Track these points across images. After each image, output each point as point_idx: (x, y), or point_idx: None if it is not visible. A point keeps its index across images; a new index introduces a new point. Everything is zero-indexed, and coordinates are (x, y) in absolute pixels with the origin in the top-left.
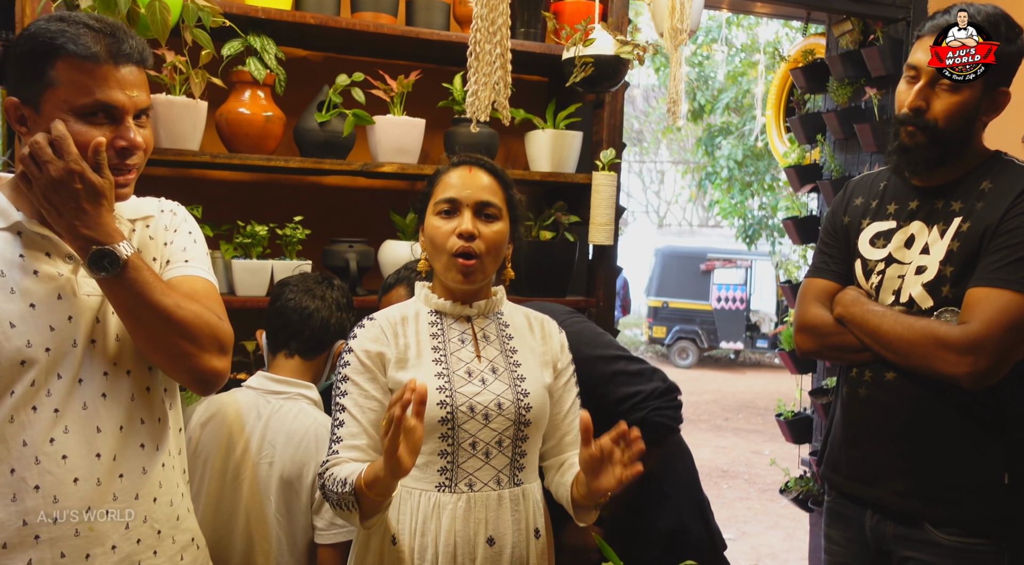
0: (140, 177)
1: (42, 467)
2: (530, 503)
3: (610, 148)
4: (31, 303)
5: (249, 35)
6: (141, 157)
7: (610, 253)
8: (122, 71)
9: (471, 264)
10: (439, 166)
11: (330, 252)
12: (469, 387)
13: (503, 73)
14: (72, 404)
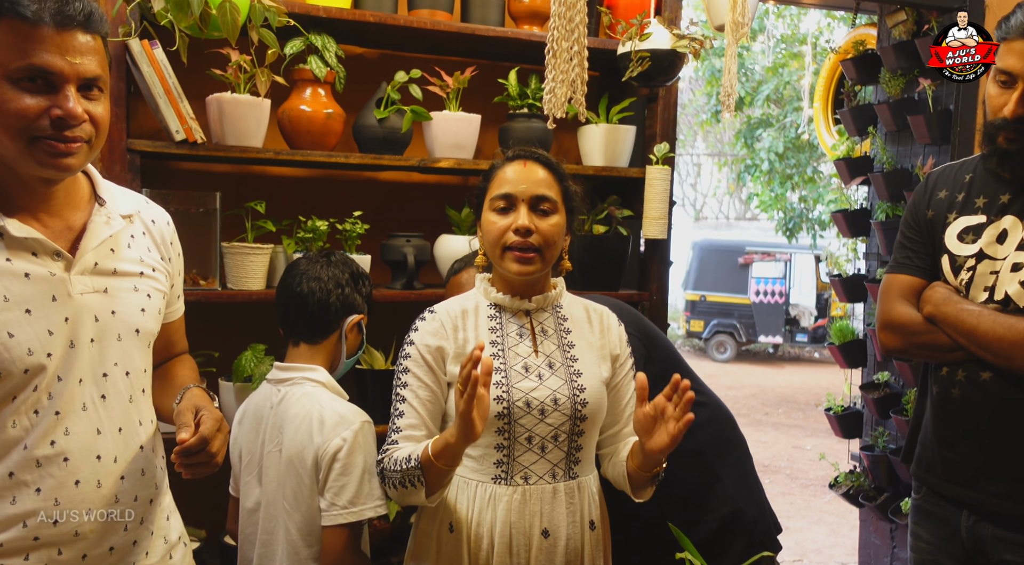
0: (206, 173)
1: (43, 470)
2: (585, 495)
3: (664, 142)
4: (26, 309)
5: (311, 34)
6: (88, 130)
7: (663, 247)
8: (64, 35)
9: (529, 256)
10: (494, 161)
11: (388, 246)
12: (526, 382)
13: (580, 70)
14: (73, 406)
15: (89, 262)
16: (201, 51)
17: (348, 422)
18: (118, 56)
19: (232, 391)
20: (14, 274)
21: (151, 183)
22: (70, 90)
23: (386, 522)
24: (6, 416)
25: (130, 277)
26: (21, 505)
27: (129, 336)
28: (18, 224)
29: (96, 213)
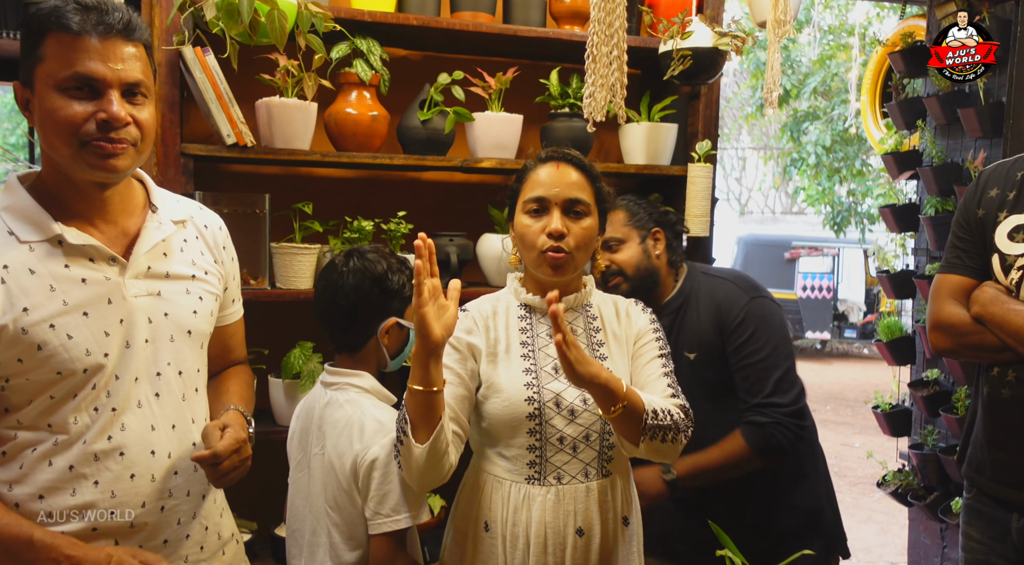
0: (255, 175)
1: (100, 464)
2: (618, 492)
3: (706, 140)
4: (84, 312)
5: (356, 38)
6: (134, 133)
7: (706, 244)
8: (105, 43)
9: (561, 257)
10: (526, 161)
11: None
12: (556, 383)
13: (620, 74)
14: (129, 403)
15: (142, 266)
16: (251, 57)
17: (387, 430)
18: (172, 63)
19: (281, 388)
20: (72, 279)
21: (203, 186)
22: (113, 95)
23: (431, 516)
24: (67, 412)
25: (182, 280)
26: (80, 497)
27: (181, 337)
28: (75, 232)
29: (149, 219)
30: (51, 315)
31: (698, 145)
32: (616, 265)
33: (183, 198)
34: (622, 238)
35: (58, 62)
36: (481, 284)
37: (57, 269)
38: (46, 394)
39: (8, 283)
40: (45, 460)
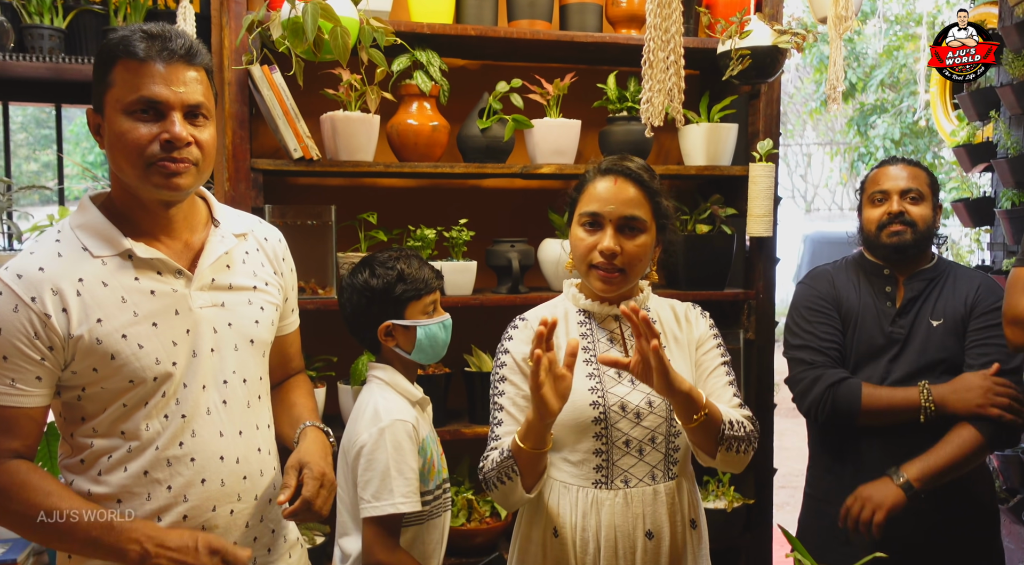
0: (320, 188)
1: (173, 469)
2: (685, 495)
3: (767, 139)
4: (153, 322)
5: (415, 50)
6: (195, 153)
7: (769, 244)
8: (168, 68)
9: (613, 276)
10: (587, 168)
11: (493, 252)
12: (619, 387)
13: (677, 79)
14: (198, 410)
15: (207, 278)
16: (315, 73)
17: (379, 419)
18: (241, 82)
19: (350, 393)
20: (142, 291)
21: (271, 199)
22: (176, 116)
23: (499, 520)
24: (139, 420)
25: (244, 291)
26: (155, 502)
27: (245, 346)
28: (144, 246)
29: (212, 233)
30: (123, 326)
31: (759, 144)
32: (910, 216)
33: (243, 212)
34: (923, 194)
35: (126, 87)
36: (543, 289)
37: (128, 282)
38: (119, 402)
39: (83, 296)
40: (121, 466)
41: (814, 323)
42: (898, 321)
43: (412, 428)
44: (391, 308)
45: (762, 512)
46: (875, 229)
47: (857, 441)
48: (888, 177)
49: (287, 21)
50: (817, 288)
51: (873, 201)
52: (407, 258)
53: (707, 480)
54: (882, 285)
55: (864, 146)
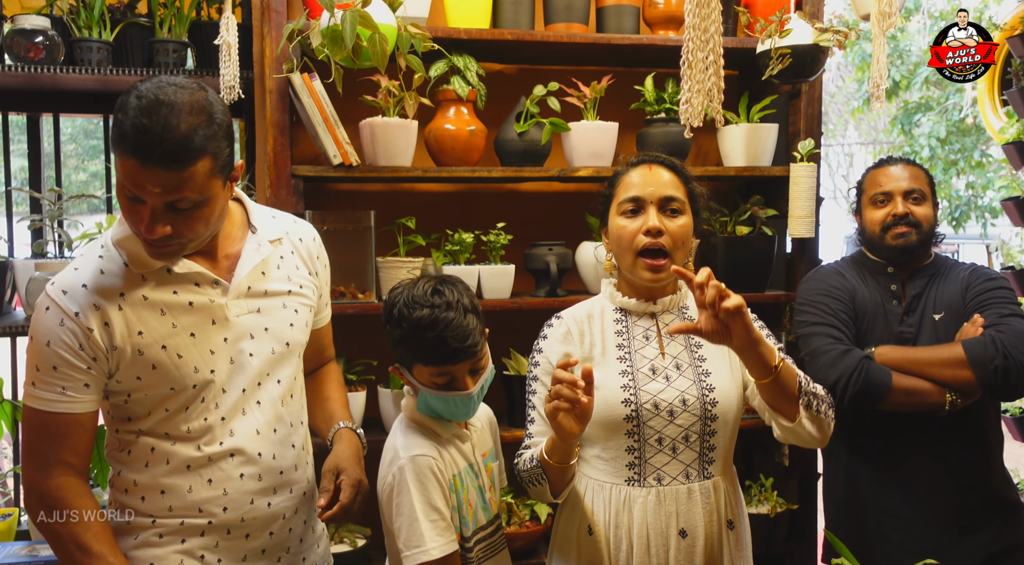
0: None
1: (214, 465)
2: (722, 495)
3: (808, 138)
4: (191, 333)
5: (452, 55)
6: (176, 242)
7: (811, 246)
8: (145, 172)
9: (660, 263)
10: (617, 168)
11: (531, 255)
12: (653, 384)
13: (716, 79)
14: (236, 411)
15: (243, 287)
16: (353, 80)
17: (396, 459)
18: (281, 90)
19: (390, 397)
20: (180, 304)
21: (311, 205)
22: (145, 213)
23: (538, 524)
24: (181, 423)
25: (280, 296)
26: (197, 494)
27: (281, 348)
28: (183, 261)
29: (248, 241)
30: (162, 337)
31: (800, 144)
32: (915, 216)
33: (278, 213)
34: (925, 194)
35: (118, 167)
36: (580, 292)
37: (166, 295)
38: (162, 407)
39: (124, 310)
40: (164, 459)
41: (833, 306)
42: (906, 320)
43: (433, 463)
44: (399, 351)
45: (806, 518)
46: (879, 231)
47: (882, 440)
48: (890, 178)
49: (326, 29)
50: (830, 280)
51: (875, 202)
52: (446, 315)
53: (749, 484)
54: (887, 283)
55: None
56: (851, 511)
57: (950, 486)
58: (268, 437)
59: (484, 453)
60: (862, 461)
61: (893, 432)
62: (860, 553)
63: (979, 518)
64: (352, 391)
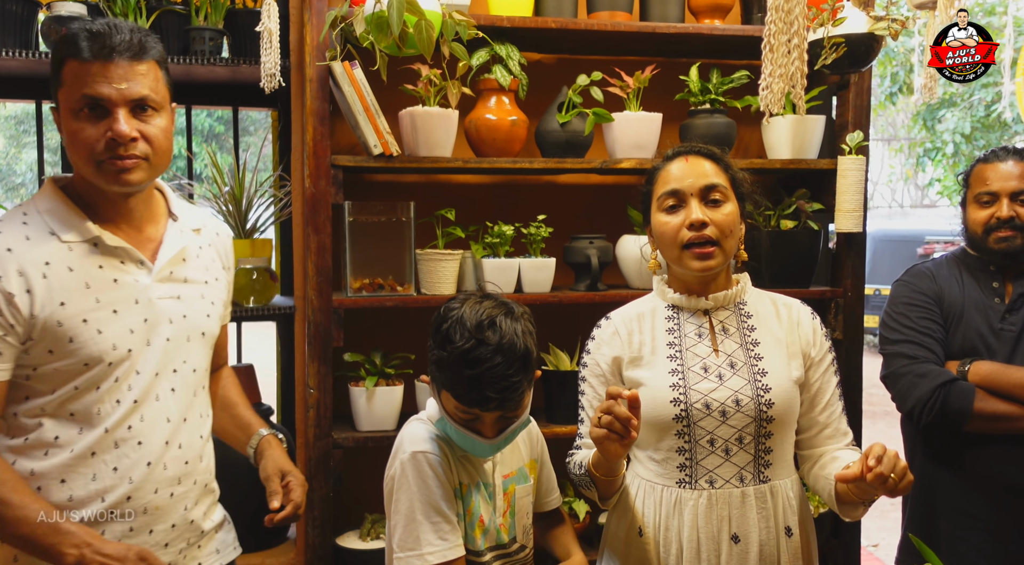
0: (397, 184)
1: (120, 451)
2: (780, 500)
3: (857, 130)
4: (114, 309)
5: (495, 44)
6: (143, 148)
7: (858, 241)
8: (109, 66)
9: (708, 251)
10: (655, 163)
11: (571, 249)
12: (705, 383)
13: (800, 63)
14: (148, 396)
15: (166, 271)
16: (392, 68)
17: (400, 452)
18: (321, 79)
19: (427, 390)
20: (105, 279)
21: (348, 196)
22: (120, 113)
23: (576, 521)
24: (90, 403)
25: (198, 285)
26: (100, 482)
27: (196, 338)
28: (111, 235)
29: (171, 227)
30: (84, 310)
31: (849, 136)
32: (1021, 220)
33: (196, 207)
34: None
35: (72, 89)
36: (621, 286)
37: (92, 269)
38: (71, 384)
39: (49, 278)
40: (68, 447)
41: (915, 318)
42: (1008, 318)
43: (439, 461)
44: (433, 369)
45: None
46: (982, 232)
47: (962, 448)
48: (998, 176)
49: (371, 16)
50: (917, 284)
51: (980, 201)
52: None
53: None
54: (988, 281)
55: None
56: (925, 509)
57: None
58: (177, 426)
59: (509, 473)
60: (938, 464)
61: (975, 442)
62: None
63: None
64: (390, 385)
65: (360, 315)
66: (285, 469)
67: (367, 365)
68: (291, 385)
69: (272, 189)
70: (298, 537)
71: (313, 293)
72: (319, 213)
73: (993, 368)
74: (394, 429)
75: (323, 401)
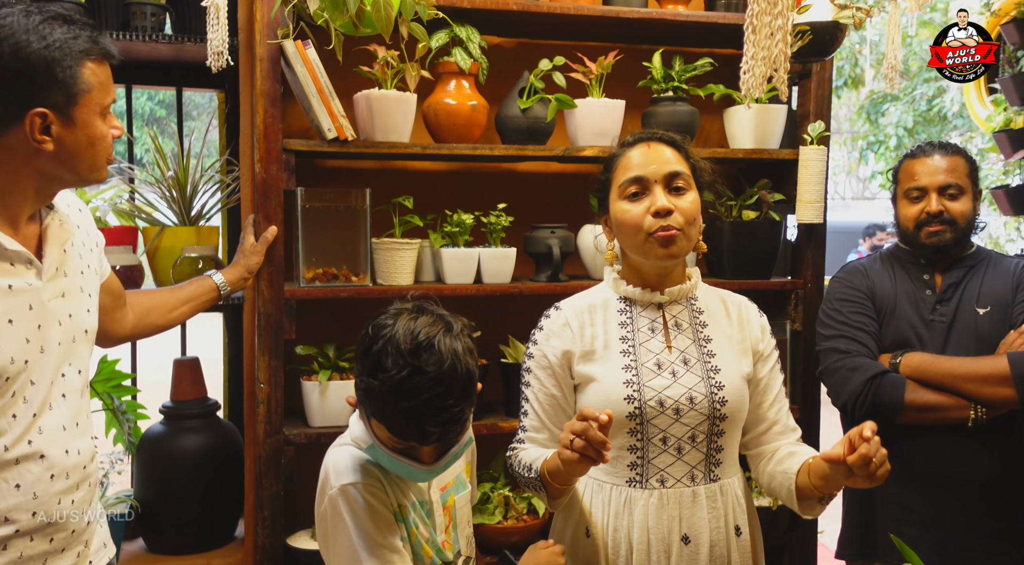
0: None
1: (22, 467)
2: (729, 499)
3: (819, 121)
4: (9, 319)
5: (455, 25)
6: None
7: (819, 232)
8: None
9: (672, 234)
10: (612, 150)
11: (532, 238)
12: (658, 380)
13: (784, 46)
14: (44, 406)
15: (52, 268)
16: (347, 49)
17: (330, 484)
18: (273, 58)
19: None
20: (0, 289)
21: (301, 182)
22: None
23: (536, 517)
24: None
25: (76, 277)
26: (3, 502)
27: (81, 337)
28: (7, 237)
29: (48, 218)
30: None
31: (810, 126)
32: (950, 214)
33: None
34: (963, 188)
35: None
36: (583, 277)
37: None
38: None
39: None
40: None
41: (847, 313)
42: (939, 309)
43: (371, 490)
44: (361, 396)
45: None
46: (913, 227)
47: (897, 442)
48: (926, 171)
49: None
50: (850, 280)
51: (909, 197)
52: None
53: (749, 476)
54: (919, 274)
55: (874, 134)
56: (863, 501)
57: (974, 489)
58: (71, 431)
59: (446, 485)
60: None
61: (909, 434)
62: (868, 543)
63: (1004, 523)
64: (344, 379)
65: (313, 306)
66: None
67: (320, 358)
68: (239, 379)
69: (219, 174)
70: (246, 537)
71: (264, 283)
72: (270, 200)
73: (924, 359)
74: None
75: (274, 396)
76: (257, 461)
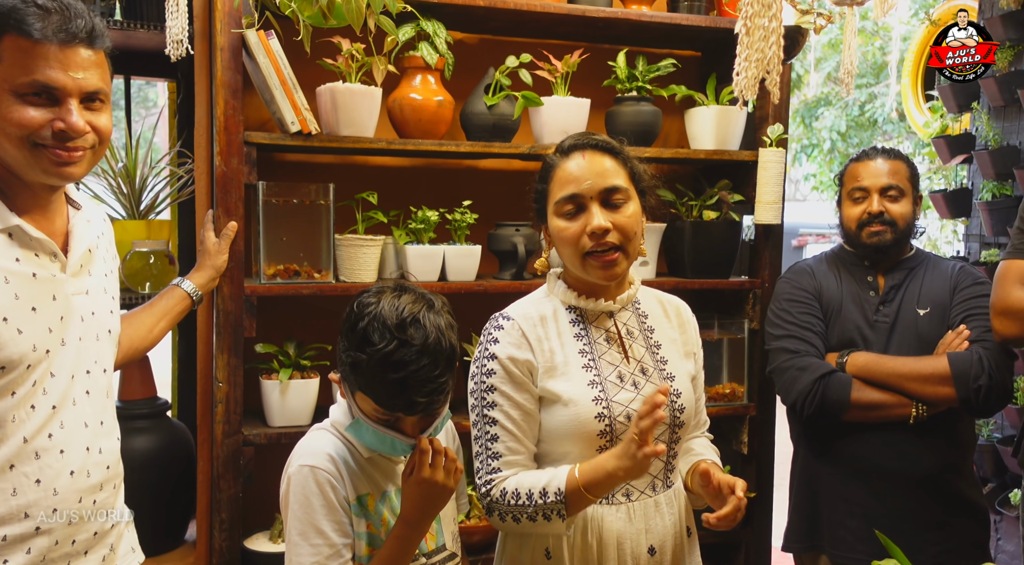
0: (312, 165)
1: (42, 462)
2: (681, 501)
3: (777, 123)
4: (32, 307)
5: (422, 19)
6: (92, 140)
7: (777, 233)
8: (67, 51)
9: (612, 258)
10: (547, 157)
11: (496, 236)
12: (623, 394)
13: (777, 49)
14: (66, 401)
15: (77, 264)
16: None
17: (292, 462)
18: (234, 48)
19: None
20: (24, 275)
21: (262, 176)
22: (72, 104)
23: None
24: (7, 410)
25: (100, 278)
26: (23, 497)
27: (104, 336)
28: (30, 226)
29: (75, 216)
30: (4, 308)
31: (769, 129)
32: (890, 215)
33: (80, 193)
34: (904, 190)
35: (15, 67)
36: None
37: (9, 263)
38: None
39: None
40: None
41: (796, 313)
42: (882, 309)
43: (329, 479)
44: (346, 371)
45: (763, 505)
46: (855, 228)
47: (842, 439)
48: (868, 173)
49: None
50: (797, 280)
51: (852, 198)
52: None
53: None
54: (863, 275)
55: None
56: (808, 496)
57: (914, 484)
58: (95, 429)
59: None
60: (820, 454)
61: (854, 431)
62: (813, 536)
63: (941, 516)
64: (305, 377)
65: (274, 303)
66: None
67: (280, 356)
68: (190, 378)
69: (170, 167)
70: (198, 539)
71: (224, 280)
72: (230, 194)
73: (868, 359)
74: (308, 424)
75: (233, 395)
76: (214, 462)
